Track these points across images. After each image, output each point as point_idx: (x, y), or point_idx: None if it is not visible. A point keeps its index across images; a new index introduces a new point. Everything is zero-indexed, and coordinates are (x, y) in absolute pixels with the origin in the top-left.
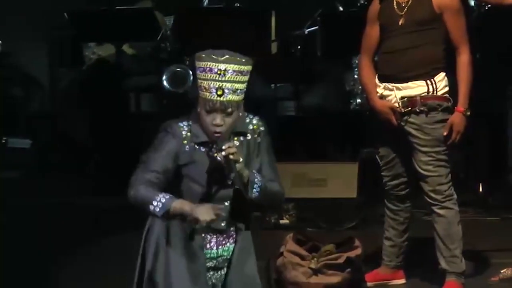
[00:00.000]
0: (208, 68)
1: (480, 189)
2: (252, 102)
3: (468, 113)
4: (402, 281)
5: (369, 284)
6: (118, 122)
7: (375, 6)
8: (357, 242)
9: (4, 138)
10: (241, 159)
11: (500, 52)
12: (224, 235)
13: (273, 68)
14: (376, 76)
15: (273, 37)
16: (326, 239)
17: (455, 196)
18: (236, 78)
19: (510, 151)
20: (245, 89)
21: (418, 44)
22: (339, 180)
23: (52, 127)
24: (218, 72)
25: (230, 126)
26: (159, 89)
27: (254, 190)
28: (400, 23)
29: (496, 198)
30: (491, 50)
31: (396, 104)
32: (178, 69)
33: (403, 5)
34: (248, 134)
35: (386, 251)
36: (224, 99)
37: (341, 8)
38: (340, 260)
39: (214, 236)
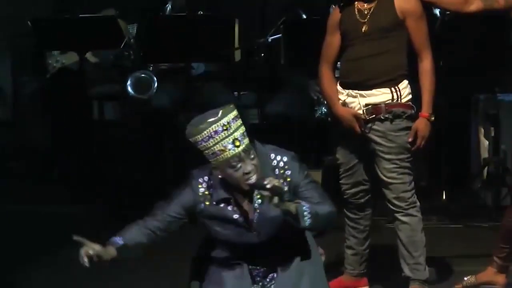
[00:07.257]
0: (213, 132)
1: (443, 197)
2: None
3: (433, 118)
4: None
5: None
6: (81, 130)
7: (335, 15)
8: (320, 250)
9: None
10: (286, 188)
11: (462, 60)
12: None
13: (237, 76)
14: (338, 83)
15: (237, 45)
16: None
17: (418, 203)
18: (238, 123)
19: (472, 158)
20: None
21: (382, 51)
22: None
23: (14, 135)
24: (225, 128)
25: (258, 168)
26: (122, 97)
27: (306, 218)
28: (363, 30)
29: (459, 205)
30: (454, 57)
31: (360, 111)
32: (142, 75)
33: (366, 12)
34: (275, 171)
35: (348, 259)
36: (243, 146)
37: (304, 16)
38: None
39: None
